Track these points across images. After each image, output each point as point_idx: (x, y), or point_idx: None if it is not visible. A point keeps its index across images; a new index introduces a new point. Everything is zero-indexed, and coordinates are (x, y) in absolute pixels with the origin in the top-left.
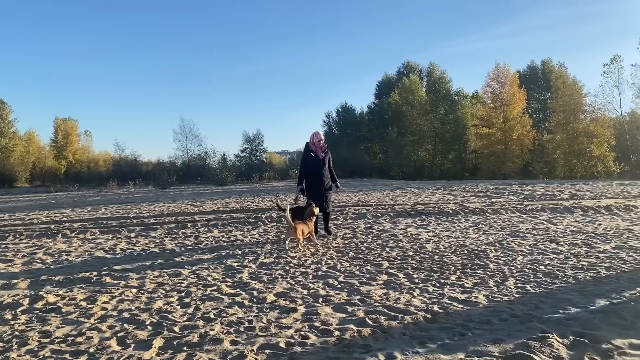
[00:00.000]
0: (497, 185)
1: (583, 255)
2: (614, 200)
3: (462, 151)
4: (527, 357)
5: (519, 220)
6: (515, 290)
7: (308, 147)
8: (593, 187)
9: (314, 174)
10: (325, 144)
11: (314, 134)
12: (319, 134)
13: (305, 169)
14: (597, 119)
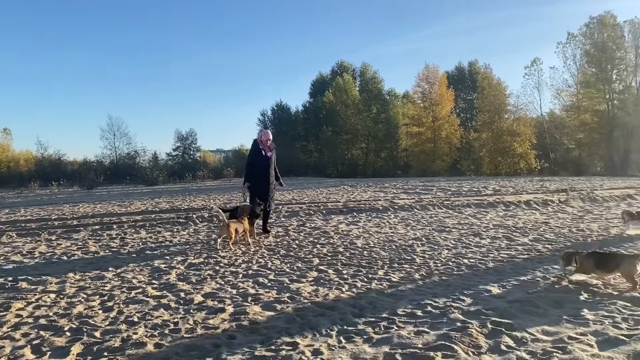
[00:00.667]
0: (426, 182)
1: (504, 248)
2: (534, 196)
3: (394, 149)
4: (448, 347)
5: (445, 215)
6: (439, 282)
7: (257, 145)
8: (515, 183)
9: (262, 173)
10: (272, 142)
11: (262, 133)
12: (268, 132)
13: (254, 167)
14: (519, 119)
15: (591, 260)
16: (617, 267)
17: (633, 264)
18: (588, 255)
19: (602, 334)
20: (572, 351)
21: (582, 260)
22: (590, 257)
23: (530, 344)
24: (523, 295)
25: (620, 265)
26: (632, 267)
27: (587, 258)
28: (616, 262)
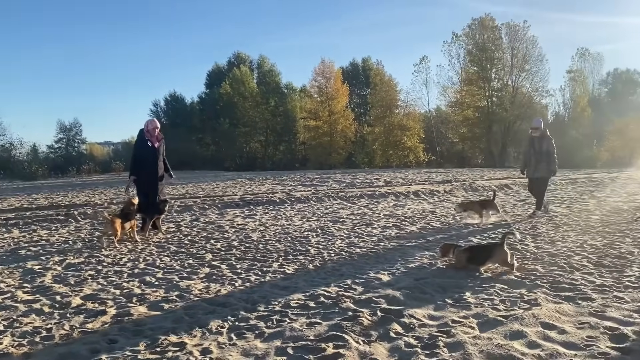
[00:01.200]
0: (322, 175)
1: (394, 236)
2: (422, 186)
3: (292, 142)
4: (339, 337)
5: (340, 206)
6: (332, 272)
7: (142, 135)
8: (405, 174)
9: (149, 164)
10: (160, 132)
11: (149, 122)
12: (154, 121)
13: (140, 159)
14: (409, 114)
15: (464, 255)
16: (490, 258)
17: (503, 250)
18: (464, 250)
19: (482, 316)
20: (456, 334)
21: (458, 255)
22: (465, 253)
23: (417, 330)
24: (411, 282)
25: (493, 255)
26: (503, 254)
27: (463, 253)
28: (488, 254)
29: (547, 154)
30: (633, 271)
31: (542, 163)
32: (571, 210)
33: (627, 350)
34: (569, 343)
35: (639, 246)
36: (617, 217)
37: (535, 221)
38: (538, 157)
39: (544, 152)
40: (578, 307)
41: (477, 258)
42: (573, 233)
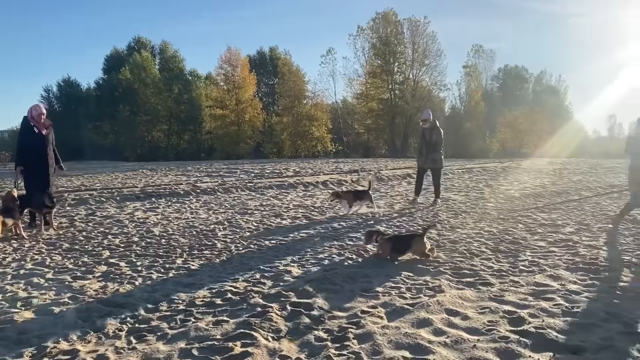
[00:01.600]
0: (230, 165)
1: (303, 227)
2: (330, 176)
3: (198, 132)
4: (247, 335)
5: (248, 197)
6: (240, 267)
7: (27, 122)
8: (314, 164)
9: (36, 154)
10: (48, 119)
11: (33, 107)
12: (39, 106)
13: (25, 148)
14: (317, 104)
15: (388, 244)
16: (409, 248)
17: (422, 242)
18: (388, 239)
19: (390, 305)
20: (365, 325)
21: (382, 244)
22: (388, 241)
23: (327, 322)
24: (321, 273)
25: (412, 246)
26: (421, 245)
27: (386, 242)
28: (408, 244)
29: (436, 144)
30: (526, 256)
31: (432, 154)
32: (468, 198)
33: (525, 333)
34: (472, 329)
35: (530, 232)
36: (510, 204)
37: (437, 209)
38: (429, 148)
39: (434, 142)
40: (479, 292)
41: (398, 248)
42: (471, 220)
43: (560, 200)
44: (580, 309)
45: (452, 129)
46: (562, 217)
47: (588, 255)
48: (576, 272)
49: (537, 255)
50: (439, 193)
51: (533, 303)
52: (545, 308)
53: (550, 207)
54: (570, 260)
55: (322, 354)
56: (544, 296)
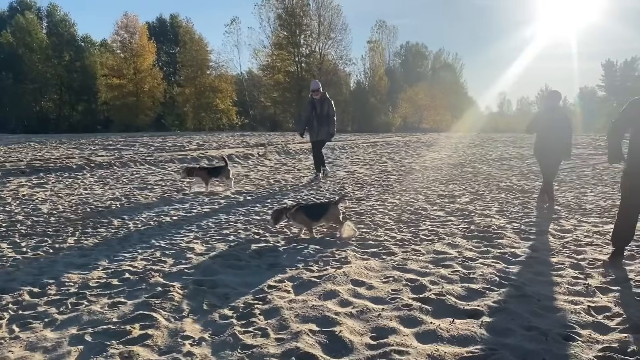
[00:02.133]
0: (128, 138)
1: (207, 202)
2: (235, 150)
3: (93, 102)
4: (147, 316)
5: (148, 172)
6: (139, 245)
7: None
8: (218, 138)
9: None
10: None
11: None
12: None
13: None
14: (221, 76)
15: (299, 214)
16: (322, 216)
17: (336, 209)
18: (296, 210)
19: (297, 279)
20: (272, 300)
21: (294, 214)
22: (298, 212)
23: (232, 299)
24: (226, 249)
25: (326, 214)
26: (335, 213)
27: (296, 213)
28: (321, 212)
29: (328, 116)
30: (426, 225)
31: (324, 127)
32: (373, 171)
33: (426, 300)
34: (377, 298)
35: (430, 202)
36: (411, 177)
37: (343, 182)
38: (319, 120)
39: (325, 115)
40: (383, 262)
41: (312, 216)
42: (376, 192)
43: (457, 172)
44: (476, 274)
45: (358, 104)
46: (458, 188)
47: (482, 223)
48: (471, 240)
49: (436, 224)
50: (320, 167)
51: (433, 270)
52: (445, 275)
53: (448, 178)
54: (466, 228)
55: (227, 332)
56: (443, 263)
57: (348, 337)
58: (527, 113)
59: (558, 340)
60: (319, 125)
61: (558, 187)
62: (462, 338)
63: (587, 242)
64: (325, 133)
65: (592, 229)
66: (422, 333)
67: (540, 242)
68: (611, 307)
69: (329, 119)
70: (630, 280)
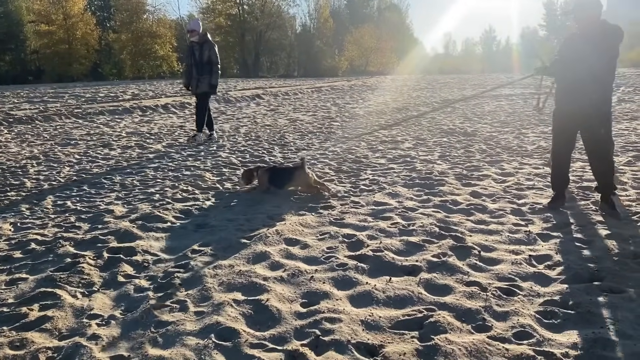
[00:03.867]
0: (58, 89)
1: (134, 158)
2: (172, 99)
3: (22, 51)
4: (49, 294)
5: (74, 126)
6: (52, 209)
7: None
8: (157, 86)
9: None
10: None
11: None
12: None
13: None
14: (159, 20)
15: (267, 175)
16: (291, 181)
17: (305, 173)
18: (266, 170)
19: (225, 240)
20: (195, 267)
21: (261, 176)
22: (267, 173)
23: (151, 268)
24: (149, 210)
25: (294, 179)
26: (305, 176)
27: (265, 173)
28: (290, 176)
29: (209, 64)
30: (367, 174)
31: (204, 76)
32: (316, 117)
33: (363, 258)
34: (311, 258)
35: (372, 149)
36: (355, 123)
37: (284, 131)
38: (199, 69)
39: (205, 62)
40: (320, 217)
41: (278, 180)
42: (317, 141)
43: (401, 116)
44: (416, 226)
45: (303, 48)
46: (401, 133)
47: (424, 170)
48: (412, 189)
49: (377, 173)
50: (202, 125)
51: (372, 224)
52: (383, 228)
53: (391, 123)
54: (408, 176)
55: (140, 308)
56: (383, 215)
57: (276, 306)
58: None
59: (498, 296)
60: (199, 75)
61: (500, 129)
62: (398, 299)
63: (528, 185)
64: (207, 84)
65: (533, 171)
66: (357, 296)
67: (481, 187)
68: (552, 256)
69: (211, 67)
70: (571, 224)
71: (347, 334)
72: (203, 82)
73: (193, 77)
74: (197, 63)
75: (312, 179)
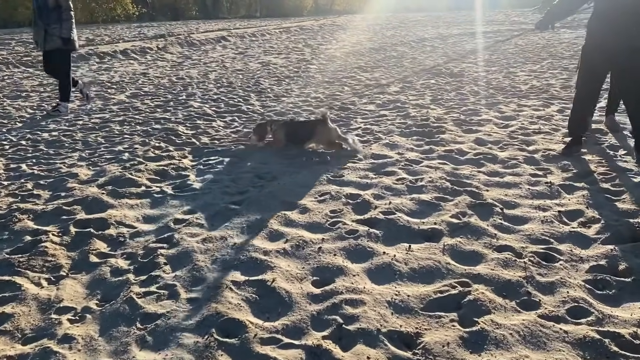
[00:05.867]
0: (4, 35)
1: (96, 111)
2: (131, 44)
3: None
4: (6, 284)
5: (23, 76)
6: (5, 175)
7: None
8: (112, 31)
9: None
10: None
11: None
12: None
13: None
14: None
15: (284, 131)
16: (313, 137)
17: (328, 128)
18: (283, 125)
19: (212, 206)
20: (181, 240)
21: (276, 131)
22: (283, 127)
23: (129, 243)
24: (119, 172)
25: (316, 134)
26: (327, 132)
27: (281, 128)
28: (311, 132)
29: (57, 10)
30: (358, 123)
31: (52, 27)
32: (290, 60)
33: (373, 223)
34: (314, 224)
35: (357, 95)
36: (333, 65)
37: (258, 76)
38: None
39: (50, 7)
40: (315, 174)
41: (296, 135)
42: (296, 86)
43: (380, 57)
44: (425, 181)
45: None
46: (385, 75)
47: (418, 116)
48: (411, 137)
49: (369, 121)
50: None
51: (375, 180)
52: (389, 185)
53: (372, 65)
54: (403, 123)
55: (121, 296)
56: (385, 170)
57: (284, 288)
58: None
59: (537, 263)
60: (46, 25)
61: (487, 68)
62: (424, 272)
63: (534, 129)
64: (56, 37)
65: (534, 113)
66: (376, 270)
67: (485, 133)
68: (583, 211)
69: (58, 14)
70: (593, 173)
71: (374, 320)
72: (52, 35)
73: (37, 25)
74: (39, 9)
75: (336, 134)
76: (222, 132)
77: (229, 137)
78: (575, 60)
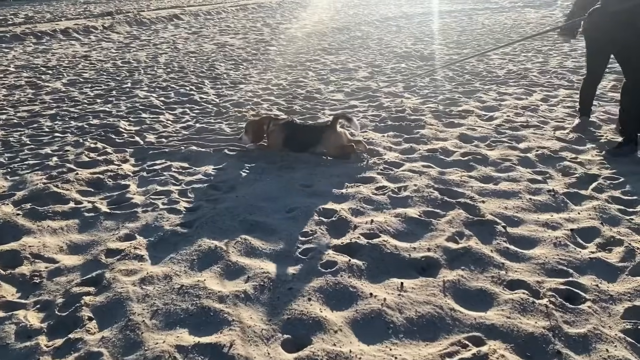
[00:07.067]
0: None
1: (24, 102)
2: (74, 22)
3: None
4: None
5: None
6: None
7: None
8: (55, 7)
9: None
10: None
11: None
12: None
13: None
14: None
15: (283, 134)
16: (318, 144)
17: (336, 133)
18: (282, 126)
19: (156, 230)
20: (112, 282)
21: (273, 132)
22: (283, 130)
23: (46, 286)
24: (42, 185)
25: (322, 141)
26: (336, 138)
27: (280, 130)
28: (315, 138)
29: None
30: (326, 116)
31: None
32: (248, 41)
33: (353, 249)
34: (281, 252)
35: (323, 81)
36: (294, 46)
37: (213, 58)
38: None
39: None
40: (279, 180)
41: (297, 142)
42: (255, 71)
43: (344, 38)
44: (409, 190)
45: None
46: (351, 59)
47: (392, 107)
48: (387, 133)
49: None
50: None
51: (351, 190)
52: (368, 197)
53: (337, 47)
54: (377, 116)
55: None
56: (361, 176)
57: (245, 356)
58: None
59: (561, 305)
60: None
61: (459, 51)
62: (424, 323)
63: (521, 123)
64: None
65: (518, 103)
66: (363, 321)
67: (468, 127)
68: (599, 229)
69: None
70: (598, 177)
71: None
72: None
73: None
74: None
75: (346, 138)
76: (170, 128)
77: (178, 135)
78: (547, 42)
